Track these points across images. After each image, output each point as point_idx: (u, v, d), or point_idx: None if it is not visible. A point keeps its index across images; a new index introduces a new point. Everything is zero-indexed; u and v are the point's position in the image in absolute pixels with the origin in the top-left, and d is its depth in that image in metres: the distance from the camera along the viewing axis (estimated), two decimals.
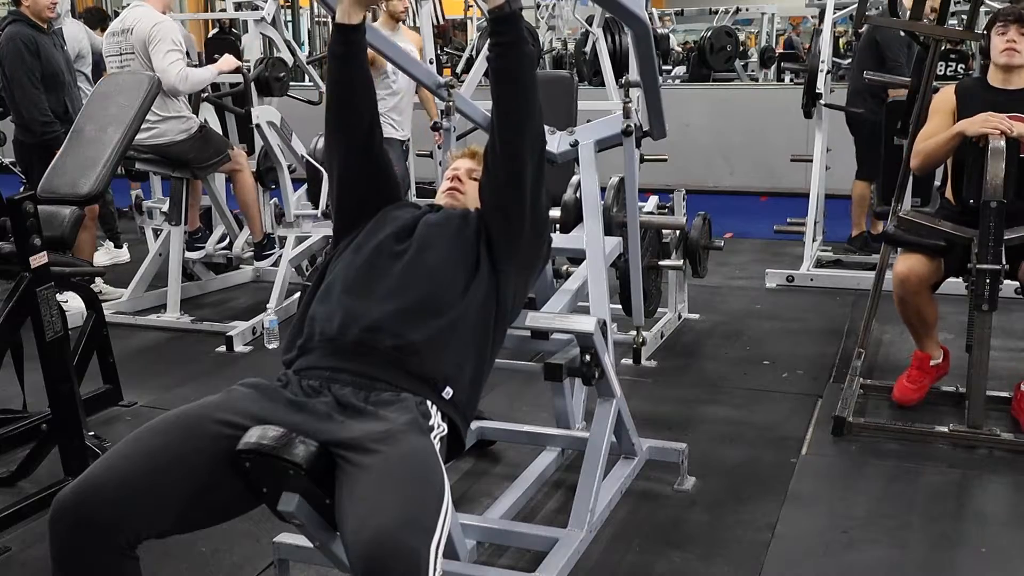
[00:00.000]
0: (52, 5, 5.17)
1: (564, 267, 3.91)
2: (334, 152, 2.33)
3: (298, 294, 4.87)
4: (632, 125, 3.27)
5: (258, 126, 5.10)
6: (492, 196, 2.24)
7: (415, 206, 2.41)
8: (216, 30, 6.18)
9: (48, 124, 5.15)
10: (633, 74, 3.22)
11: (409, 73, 3.35)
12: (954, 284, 3.58)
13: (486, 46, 2.29)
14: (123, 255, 6.52)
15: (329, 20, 6.76)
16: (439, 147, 4.54)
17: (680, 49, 13.15)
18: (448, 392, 2.04)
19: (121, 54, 4.80)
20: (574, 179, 3.95)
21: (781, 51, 12.89)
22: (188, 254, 5.43)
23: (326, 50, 2.57)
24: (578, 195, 3.46)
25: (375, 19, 5.33)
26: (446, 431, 2.04)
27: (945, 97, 3.60)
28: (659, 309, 4.64)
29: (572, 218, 3.66)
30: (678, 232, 4.60)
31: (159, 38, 4.69)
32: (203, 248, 5.51)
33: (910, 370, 3.65)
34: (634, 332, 3.79)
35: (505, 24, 2.11)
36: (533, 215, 2.23)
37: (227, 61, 4.98)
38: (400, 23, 5.55)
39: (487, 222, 2.24)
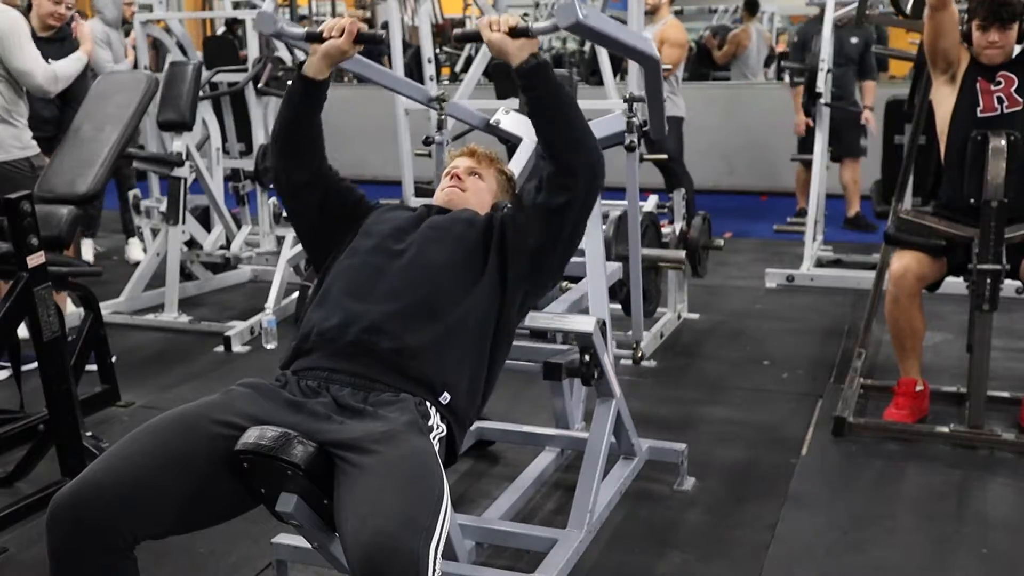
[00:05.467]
0: (53, 14, 4.67)
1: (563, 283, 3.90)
2: (282, 186, 2.30)
3: (296, 294, 4.86)
4: (635, 141, 3.28)
5: None
6: (532, 214, 2.15)
7: (410, 208, 2.40)
8: (224, 30, 6.16)
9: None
10: (635, 88, 3.23)
11: (397, 91, 3.24)
12: (954, 284, 3.57)
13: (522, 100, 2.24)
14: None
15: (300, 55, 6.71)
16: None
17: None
18: (446, 397, 2.02)
19: None
20: None
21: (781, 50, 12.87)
22: None
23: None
24: None
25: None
26: (445, 432, 2.02)
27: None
28: (659, 309, 4.63)
29: None
30: (678, 232, 4.60)
31: (12, 33, 4.01)
32: None
33: (896, 398, 3.53)
34: (633, 347, 3.83)
35: (535, 78, 2.07)
36: (567, 243, 2.21)
37: (83, 34, 4.47)
38: None
39: (511, 233, 2.17)
